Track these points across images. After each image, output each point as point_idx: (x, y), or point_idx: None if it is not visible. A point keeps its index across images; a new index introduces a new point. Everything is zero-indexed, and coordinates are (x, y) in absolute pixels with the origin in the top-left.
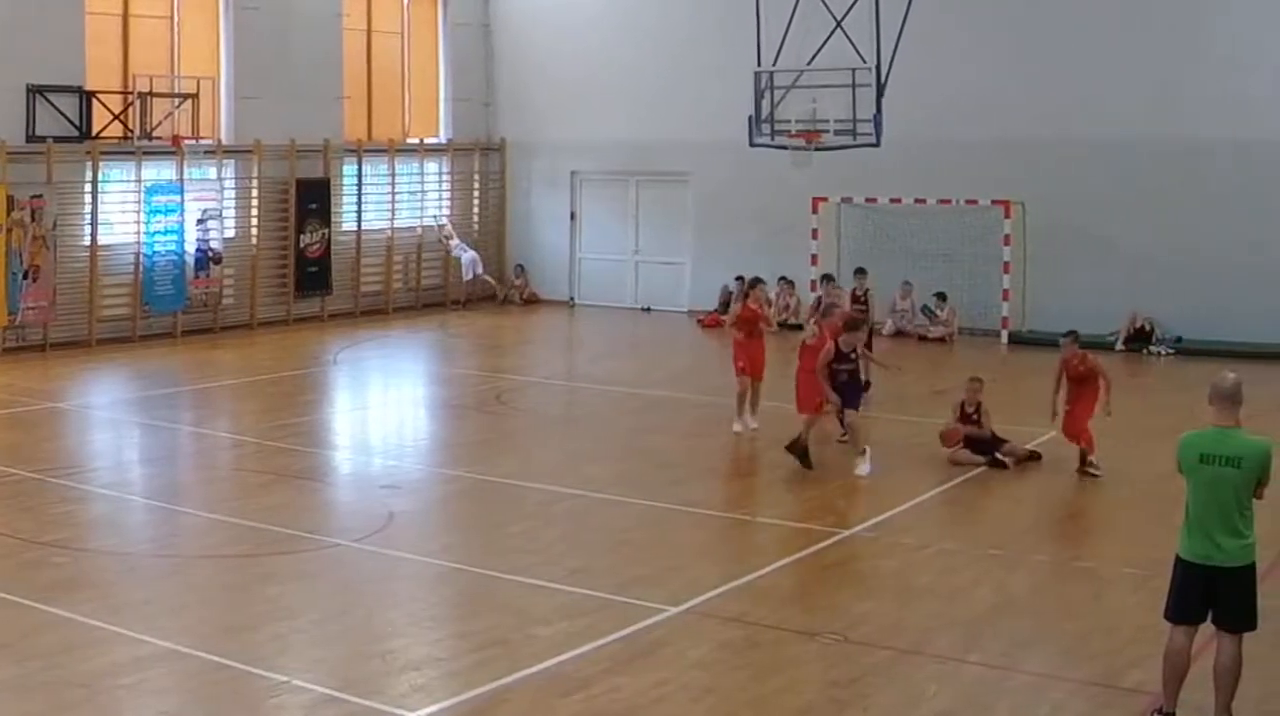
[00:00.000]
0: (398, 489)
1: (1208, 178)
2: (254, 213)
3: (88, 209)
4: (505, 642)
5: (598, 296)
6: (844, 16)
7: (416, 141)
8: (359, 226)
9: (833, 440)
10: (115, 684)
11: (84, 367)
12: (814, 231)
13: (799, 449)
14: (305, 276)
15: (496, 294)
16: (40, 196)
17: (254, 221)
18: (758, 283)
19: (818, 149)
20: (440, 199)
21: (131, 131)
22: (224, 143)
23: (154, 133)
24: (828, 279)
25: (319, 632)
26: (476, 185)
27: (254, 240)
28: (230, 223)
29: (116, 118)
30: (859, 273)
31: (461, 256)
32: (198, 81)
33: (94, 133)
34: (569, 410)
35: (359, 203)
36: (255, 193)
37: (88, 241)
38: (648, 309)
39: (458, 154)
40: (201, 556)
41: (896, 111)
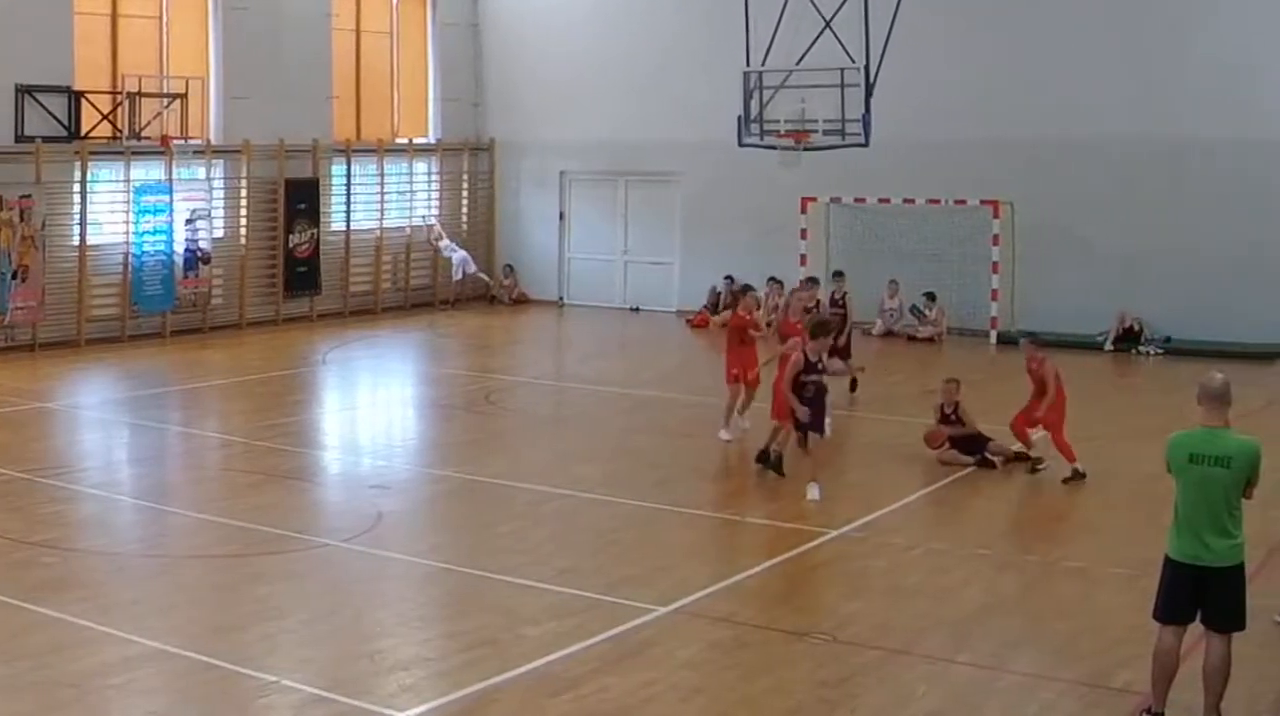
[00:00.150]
0: (386, 489)
1: (1197, 178)
2: (243, 213)
3: (76, 209)
4: (494, 642)
5: (587, 296)
6: (833, 17)
7: (405, 141)
8: (348, 226)
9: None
10: (104, 683)
11: (73, 368)
12: (803, 231)
13: (771, 457)
14: (294, 276)
15: (490, 290)
16: (29, 196)
17: (243, 221)
18: (747, 290)
19: (806, 149)
20: (429, 199)
21: (120, 131)
22: (213, 143)
23: (143, 133)
24: (812, 282)
25: (308, 632)
26: (465, 185)
27: (243, 240)
28: (219, 223)
29: (105, 118)
30: (837, 276)
31: (452, 257)
32: (186, 81)
33: (83, 133)
34: (558, 410)
35: (348, 203)
36: (244, 193)
37: (76, 241)
38: (636, 309)
39: (447, 154)
40: (190, 556)
41: (885, 111)
